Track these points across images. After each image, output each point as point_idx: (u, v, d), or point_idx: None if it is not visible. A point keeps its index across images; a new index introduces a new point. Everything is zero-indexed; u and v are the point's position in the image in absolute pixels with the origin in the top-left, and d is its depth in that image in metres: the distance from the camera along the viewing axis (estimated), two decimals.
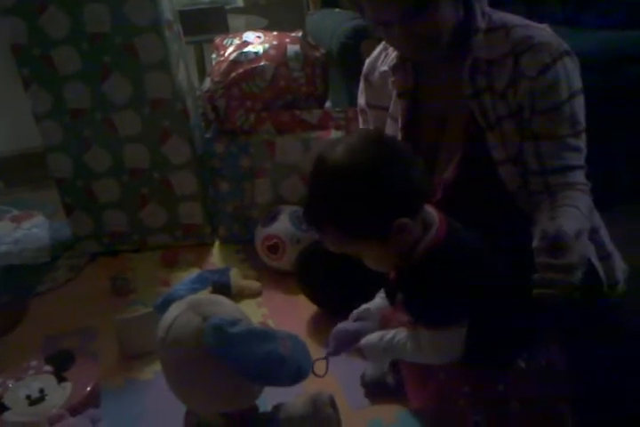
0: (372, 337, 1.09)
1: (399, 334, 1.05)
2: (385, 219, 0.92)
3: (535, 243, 0.92)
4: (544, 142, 1.15)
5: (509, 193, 1.20)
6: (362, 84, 1.44)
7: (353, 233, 0.94)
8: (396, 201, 0.92)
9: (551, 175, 1.15)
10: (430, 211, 0.99)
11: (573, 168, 1.16)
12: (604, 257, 1.27)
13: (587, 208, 1.12)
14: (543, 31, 1.18)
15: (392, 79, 1.30)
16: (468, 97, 1.19)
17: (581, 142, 1.17)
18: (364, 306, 1.22)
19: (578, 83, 1.17)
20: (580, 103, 1.17)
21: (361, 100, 1.45)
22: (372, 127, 1.44)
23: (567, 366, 1.05)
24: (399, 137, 1.35)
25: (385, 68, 1.33)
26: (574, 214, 1.06)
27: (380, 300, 1.20)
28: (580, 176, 1.16)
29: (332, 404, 1.07)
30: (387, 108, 1.37)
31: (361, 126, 1.50)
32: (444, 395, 1.07)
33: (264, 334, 0.92)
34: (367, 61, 1.43)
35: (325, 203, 0.95)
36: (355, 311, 1.22)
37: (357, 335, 1.14)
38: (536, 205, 1.16)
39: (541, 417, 1.04)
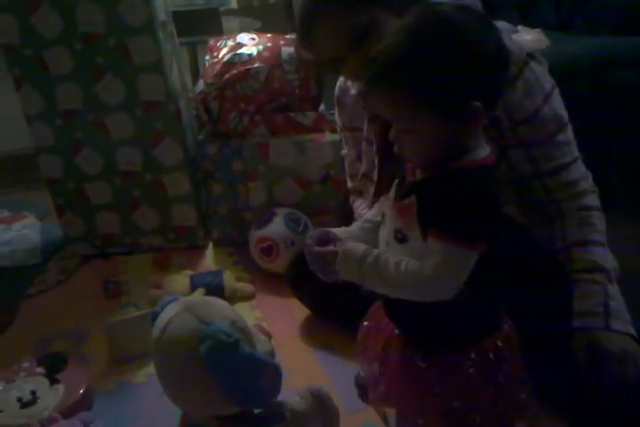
0: (356, 246, 0.93)
1: (389, 256, 0.91)
2: (467, 90, 0.82)
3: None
4: (534, 147, 1.15)
5: None
6: (336, 107, 1.47)
7: (426, 96, 0.83)
8: (486, 75, 0.83)
9: (547, 178, 1.16)
10: (484, 140, 0.92)
11: (566, 165, 1.16)
12: None
13: (602, 235, 1.13)
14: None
15: (362, 105, 1.30)
16: None
17: (569, 134, 1.17)
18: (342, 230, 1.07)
19: (549, 82, 1.17)
20: (557, 99, 1.17)
21: (338, 121, 1.49)
22: (351, 146, 1.48)
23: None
24: (376, 160, 1.35)
25: (354, 91, 1.33)
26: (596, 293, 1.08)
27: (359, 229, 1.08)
28: (575, 171, 1.16)
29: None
30: (362, 129, 1.38)
31: (344, 143, 1.53)
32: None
33: (257, 364, 0.92)
34: (337, 84, 1.44)
35: (419, 50, 0.82)
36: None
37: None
38: (550, 235, 1.17)
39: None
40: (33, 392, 1.37)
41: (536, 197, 1.20)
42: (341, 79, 1.41)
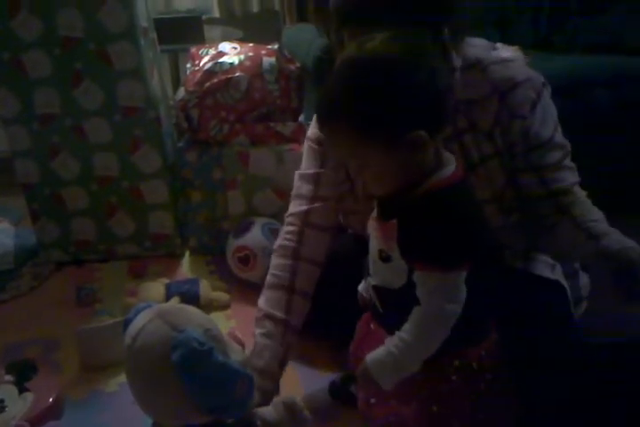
0: (377, 354, 0.94)
1: (391, 339, 0.93)
2: (403, 121, 0.85)
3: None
4: (545, 171, 1.17)
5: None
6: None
7: (366, 132, 0.87)
8: (421, 103, 0.86)
9: (560, 197, 1.17)
10: (450, 156, 0.94)
11: (574, 184, 1.18)
12: (571, 274, 1.30)
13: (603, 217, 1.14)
14: (517, 65, 1.19)
15: None
16: (447, 138, 1.15)
17: (571, 161, 1.20)
18: None
19: (555, 108, 1.19)
20: (560, 127, 1.19)
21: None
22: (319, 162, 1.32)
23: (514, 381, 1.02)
24: None
25: None
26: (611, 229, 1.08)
27: None
28: (580, 190, 1.19)
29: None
30: None
31: (322, 160, 1.33)
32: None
33: (230, 373, 0.91)
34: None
35: (349, 91, 0.87)
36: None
37: None
38: (549, 227, 1.17)
39: None
40: (1, 401, 1.34)
41: (541, 213, 1.20)
42: None
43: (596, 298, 1.32)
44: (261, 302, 1.28)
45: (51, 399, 1.36)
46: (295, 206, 1.33)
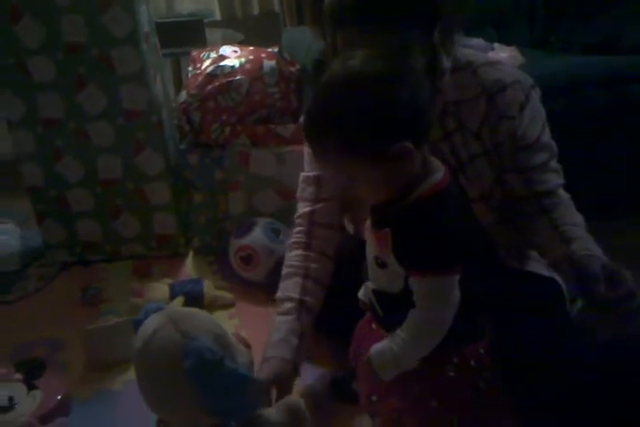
0: (380, 346, 0.97)
1: (392, 336, 0.96)
2: (388, 134, 0.87)
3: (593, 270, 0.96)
4: (531, 172, 1.19)
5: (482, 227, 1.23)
6: None
7: (351, 147, 0.88)
8: (403, 117, 0.87)
9: (543, 198, 1.19)
10: (437, 162, 0.96)
11: (558, 186, 1.21)
12: None
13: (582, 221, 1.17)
14: (507, 68, 1.21)
15: None
16: (437, 140, 1.19)
17: (557, 163, 1.22)
18: None
19: (544, 112, 1.22)
20: (548, 129, 1.22)
21: None
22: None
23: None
24: None
25: None
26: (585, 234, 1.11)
27: None
28: (564, 192, 1.22)
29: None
30: None
31: (306, 161, 1.41)
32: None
33: (240, 380, 0.93)
34: None
35: (333, 109, 0.88)
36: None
37: None
38: (529, 225, 1.20)
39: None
40: (10, 398, 1.37)
41: (525, 212, 1.22)
42: None
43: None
44: (279, 293, 1.31)
45: (59, 397, 1.38)
46: (301, 208, 1.39)
